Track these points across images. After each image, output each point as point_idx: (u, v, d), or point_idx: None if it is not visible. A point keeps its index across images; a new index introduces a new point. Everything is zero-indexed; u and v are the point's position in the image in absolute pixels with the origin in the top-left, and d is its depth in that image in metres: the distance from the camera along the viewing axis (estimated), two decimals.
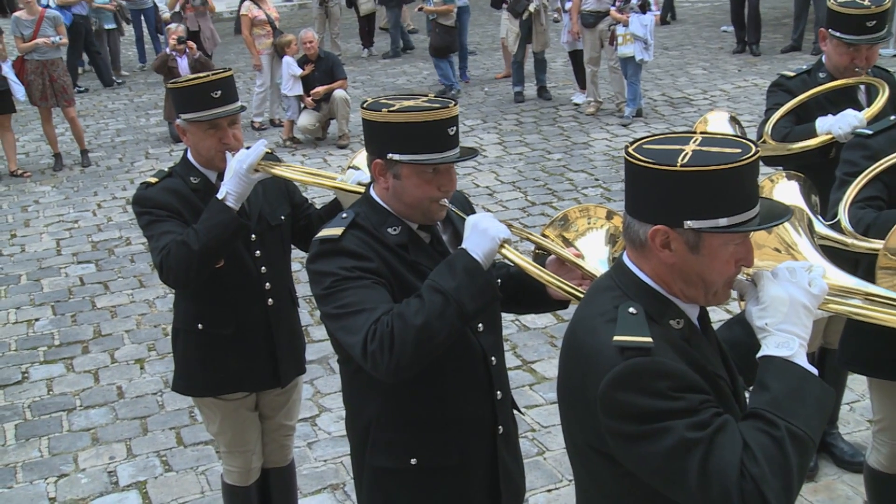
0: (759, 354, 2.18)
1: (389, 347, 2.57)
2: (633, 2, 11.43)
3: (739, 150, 2.13)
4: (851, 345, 3.93)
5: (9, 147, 11.33)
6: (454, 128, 2.82)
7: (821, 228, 3.35)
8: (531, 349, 6.41)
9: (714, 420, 2.07)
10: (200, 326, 3.90)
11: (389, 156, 2.79)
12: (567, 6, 12.68)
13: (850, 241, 3.38)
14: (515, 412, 3.22)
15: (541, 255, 3.17)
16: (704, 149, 2.15)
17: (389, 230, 2.86)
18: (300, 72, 11.83)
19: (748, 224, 2.13)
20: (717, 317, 4.57)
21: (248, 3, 12.74)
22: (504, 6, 13.28)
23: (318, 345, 6.49)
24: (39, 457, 5.54)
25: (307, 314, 6.97)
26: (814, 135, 4.43)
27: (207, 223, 3.57)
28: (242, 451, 4.17)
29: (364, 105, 2.88)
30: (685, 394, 2.07)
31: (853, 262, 3.37)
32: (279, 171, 3.60)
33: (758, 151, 2.14)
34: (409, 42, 18.00)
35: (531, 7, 12.80)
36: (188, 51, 11.96)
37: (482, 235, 2.69)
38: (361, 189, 3.25)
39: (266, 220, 3.90)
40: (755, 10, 15.10)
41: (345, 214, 2.90)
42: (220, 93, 3.70)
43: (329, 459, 5.32)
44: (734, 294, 2.31)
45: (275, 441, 4.30)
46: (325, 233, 2.84)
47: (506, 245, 2.71)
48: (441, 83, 14.02)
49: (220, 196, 3.60)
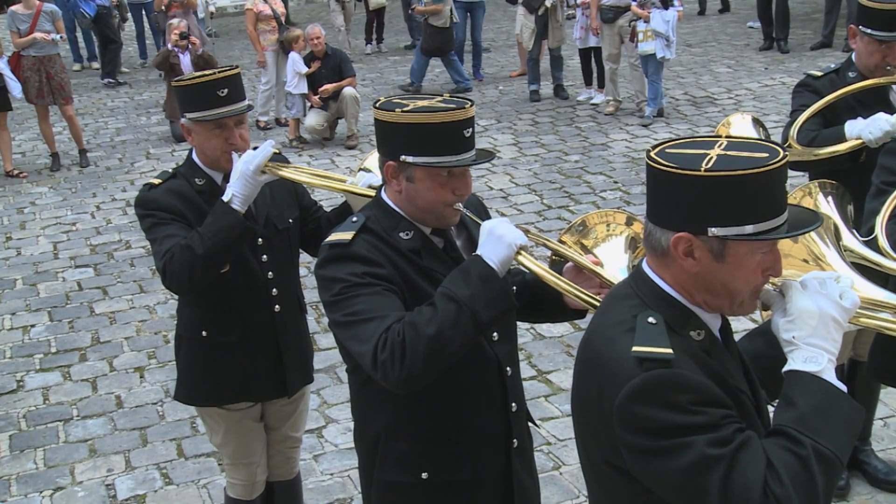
0: (786, 369, 2.18)
1: (401, 357, 2.59)
2: None
3: (767, 155, 2.14)
4: (881, 357, 3.92)
5: (4, 146, 11.38)
6: (470, 129, 2.84)
7: (856, 246, 3.29)
8: (547, 359, 6.42)
9: (736, 436, 2.07)
10: (205, 333, 3.93)
11: (402, 158, 2.81)
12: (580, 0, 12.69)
13: (888, 265, 3.27)
14: (530, 425, 3.24)
15: (557, 262, 3.17)
16: (730, 153, 2.15)
17: (402, 235, 2.88)
18: (305, 69, 11.87)
19: (776, 231, 2.13)
20: (741, 325, 4.58)
21: None
22: (519, 1, 13.31)
23: (326, 353, 6.51)
24: (34, 469, 5.57)
25: (314, 321, 6.99)
26: (843, 139, 4.38)
27: (212, 226, 3.59)
28: (246, 464, 4.19)
29: (376, 104, 2.90)
30: (706, 408, 2.07)
31: (884, 277, 3.35)
32: (287, 174, 3.62)
33: (786, 156, 2.14)
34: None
35: (547, 2, 12.81)
36: (191, 47, 12.00)
37: (498, 242, 2.71)
38: (372, 193, 3.26)
39: (273, 224, 3.92)
40: (784, 5, 15.08)
41: (355, 218, 2.92)
42: (227, 91, 3.73)
43: (336, 473, 5.34)
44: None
45: (280, 453, 4.32)
46: (335, 237, 2.86)
47: (522, 252, 2.73)
48: (453, 81, 14.10)
49: (226, 198, 3.61)
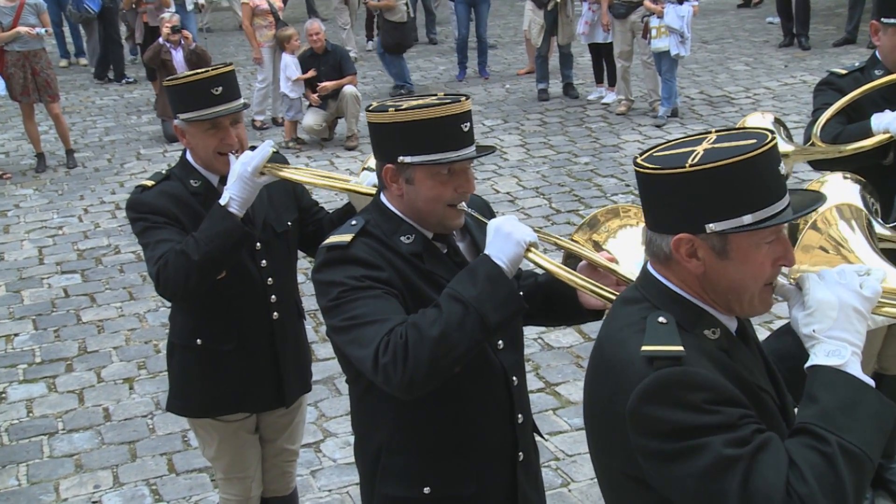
0: (808, 364, 2.19)
1: (403, 360, 2.59)
2: None
3: (754, 141, 2.16)
4: None
5: None
6: (468, 124, 2.86)
7: (882, 230, 3.28)
8: (555, 370, 6.43)
9: (755, 437, 2.06)
10: (199, 341, 3.94)
11: (400, 159, 2.83)
12: None
13: None
14: (537, 438, 3.25)
15: (570, 263, 3.18)
16: (718, 145, 2.18)
17: (402, 238, 2.89)
18: (297, 75, 11.85)
19: (777, 218, 2.14)
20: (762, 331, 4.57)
21: None
22: None
23: (324, 364, 6.52)
24: (17, 486, 5.58)
25: (311, 330, 7.00)
26: (869, 134, 4.34)
27: (209, 231, 3.59)
28: (241, 478, 4.20)
29: (369, 108, 2.93)
30: (722, 407, 2.07)
31: None
32: (288, 174, 3.63)
33: (774, 139, 2.16)
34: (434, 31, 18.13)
35: None
36: (183, 42, 12.02)
37: (506, 240, 2.71)
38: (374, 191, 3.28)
39: (272, 227, 3.93)
40: None
41: (354, 221, 2.93)
42: (221, 89, 3.74)
43: (334, 489, 5.35)
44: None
45: (276, 467, 4.33)
46: (333, 240, 2.87)
47: (532, 249, 2.73)
48: (396, 83, 14.15)
49: (223, 202, 3.62)
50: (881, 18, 4.52)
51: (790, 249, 2.23)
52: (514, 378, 3.03)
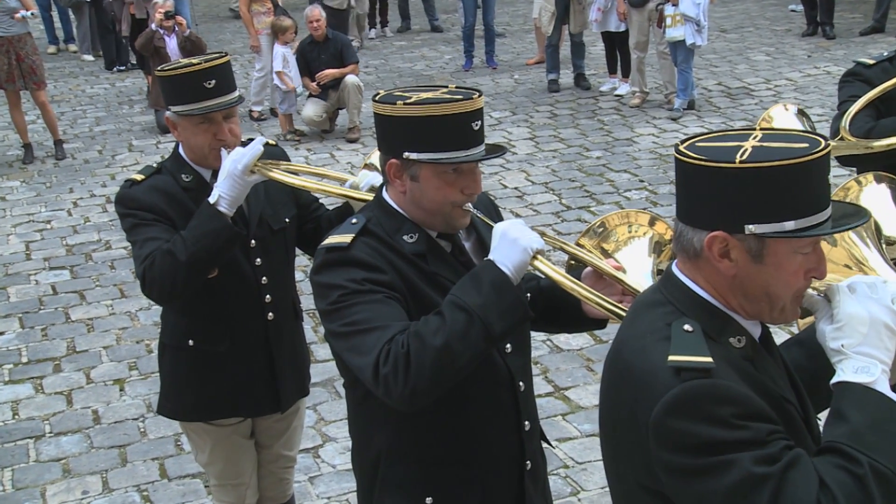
0: (835, 380, 2.18)
1: (405, 371, 2.59)
2: None
3: (807, 145, 2.15)
4: None
5: None
6: (479, 122, 2.86)
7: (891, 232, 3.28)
8: (564, 374, 6.43)
9: (784, 454, 2.06)
10: (191, 342, 3.95)
11: (406, 155, 2.83)
12: None
13: None
14: (545, 445, 3.25)
15: (575, 268, 3.19)
16: (767, 144, 2.17)
17: (405, 238, 2.89)
18: (280, 68, 11.84)
19: (819, 228, 2.14)
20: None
21: None
22: None
23: (323, 365, 6.53)
24: (2, 491, 5.58)
25: (310, 330, 7.01)
26: None
27: (196, 231, 3.60)
28: (235, 485, 4.21)
29: (376, 98, 2.92)
30: (751, 423, 2.07)
31: None
32: (278, 175, 3.63)
33: (828, 146, 2.15)
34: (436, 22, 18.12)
35: None
36: (177, 28, 12.02)
37: (512, 245, 2.71)
38: (371, 197, 3.27)
39: (268, 224, 3.94)
40: None
41: (355, 220, 2.93)
42: (215, 82, 3.74)
43: (333, 496, 5.36)
44: None
45: (272, 474, 4.34)
46: (332, 240, 2.87)
47: (539, 257, 2.74)
48: None
49: (212, 200, 3.62)
50: None
51: (824, 262, 2.23)
52: (521, 383, 3.02)
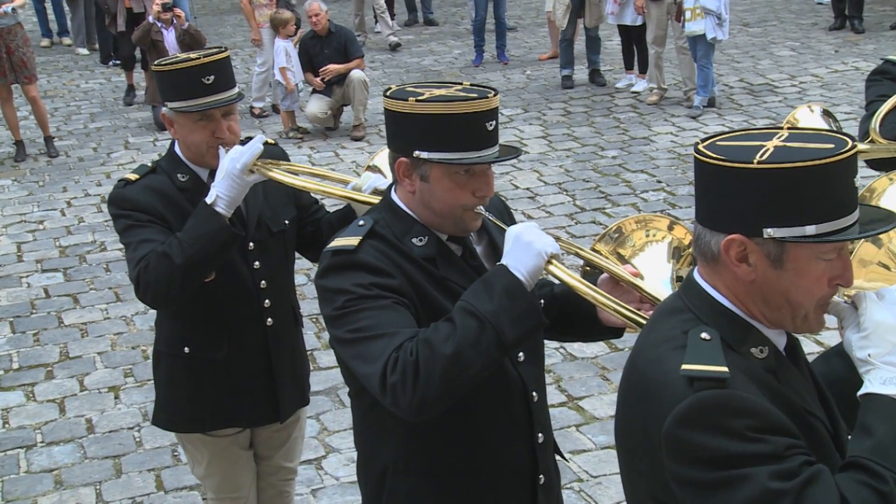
0: (862, 392, 2.18)
1: (413, 380, 2.59)
2: None
3: (832, 146, 2.14)
4: None
5: None
6: (493, 122, 2.86)
7: None
8: (578, 383, 6.42)
9: (804, 469, 2.05)
10: (187, 350, 3.95)
11: (416, 154, 2.83)
12: None
13: None
14: (558, 458, 3.24)
15: (591, 274, 3.19)
16: (790, 144, 2.16)
17: (414, 241, 2.89)
18: (284, 64, 11.79)
19: (843, 233, 2.13)
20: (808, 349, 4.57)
21: None
22: None
23: (326, 372, 6.53)
24: None
25: (313, 336, 7.02)
26: None
27: (193, 232, 3.60)
28: (234, 498, 4.20)
29: (387, 93, 2.92)
30: (768, 436, 2.06)
31: None
32: (278, 176, 3.63)
33: (855, 146, 2.14)
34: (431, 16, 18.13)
35: None
36: (175, 21, 12.03)
37: (526, 250, 2.71)
38: (376, 200, 3.27)
39: (267, 226, 3.93)
40: None
41: (362, 222, 2.93)
42: (213, 78, 3.74)
43: None
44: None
45: (272, 486, 4.34)
46: (339, 243, 2.87)
47: (554, 261, 2.73)
48: None
49: (209, 200, 3.62)
50: None
51: (849, 268, 2.22)
52: (534, 393, 3.02)
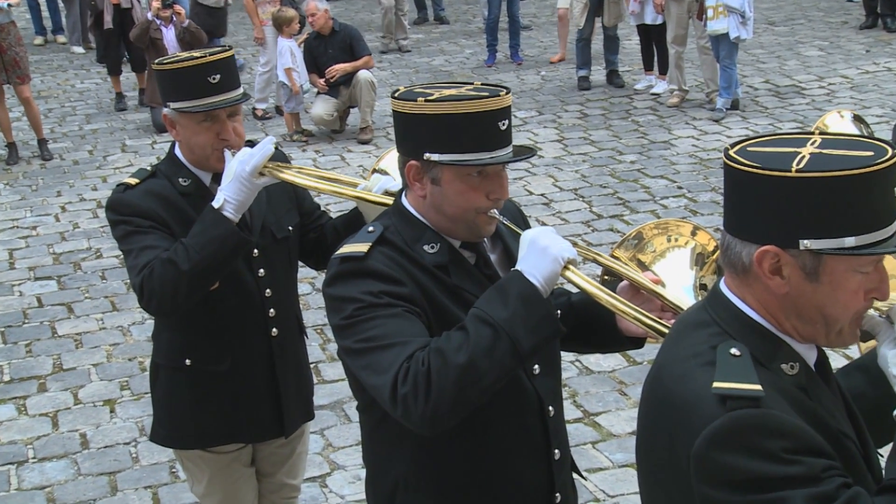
0: None
1: (425, 391, 2.59)
2: None
3: (872, 154, 2.13)
4: None
5: None
6: (506, 121, 2.87)
7: None
8: (595, 398, 6.42)
9: (842, 492, 2.04)
10: (188, 362, 3.95)
11: (427, 156, 2.83)
12: None
13: None
14: (575, 476, 3.24)
15: (609, 283, 3.18)
16: (827, 151, 2.15)
17: (426, 248, 2.90)
18: (289, 64, 11.81)
19: (882, 245, 2.12)
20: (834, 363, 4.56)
21: None
22: None
23: (331, 386, 6.54)
24: None
25: (318, 347, 7.02)
26: None
27: (200, 237, 3.60)
28: None
29: (395, 95, 2.93)
30: (804, 457, 2.05)
31: None
32: (289, 177, 3.64)
33: (895, 155, 2.13)
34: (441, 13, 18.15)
35: None
36: (175, 18, 12.06)
37: (542, 255, 2.71)
38: (389, 200, 3.29)
39: (271, 232, 3.94)
40: None
41: (371, 228, 2.94)
42: (218, 77, 3.75)
43: None
44: None
45: None
46: (348, 249, 2.88)
47: (570, 267, 2.73)
48: None
49: (217, 204, 3.63)
50: None
51: (886, 281, 2.21)
52: (551, 408, 3.02)
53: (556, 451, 3.05)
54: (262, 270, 3.92)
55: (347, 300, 2.80)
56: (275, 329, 3.98)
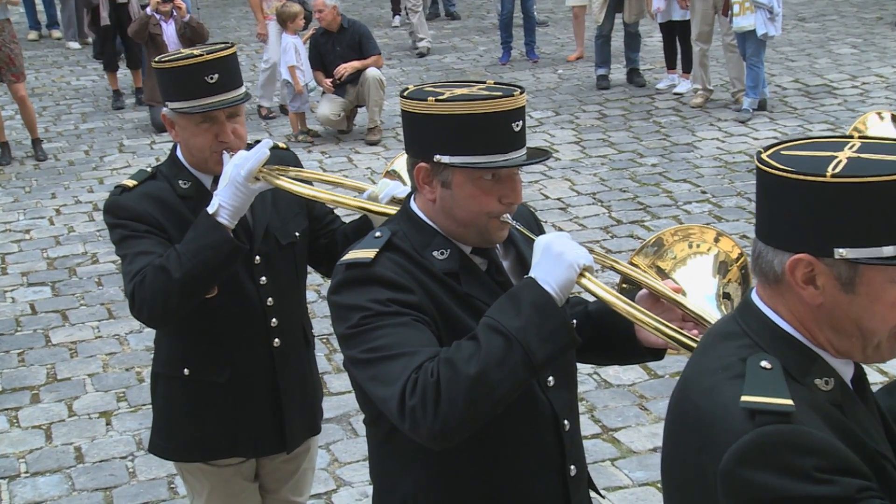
0: None
1: (434, 403, 2.60)
2: None
3: None
4: None
5: None
6: (520, 122, 2.87)
7: None
8: (614, 412, 6.41)
9: None
10: (187, 372, 3.96)
11: (437, 158, 2.84)
12: None
13: None
14: (593, 495, 3.24)
15: (628, 291, 3.18)
16: (865, 156, 2.14)
17: (435, 254, 2.90)
18: (294, 62, 11.81)
19: None
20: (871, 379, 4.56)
21: None
22: None
23: (337, 398, 6.54)
24: None
25: (323, 358, 7.03)
26: None
27: (193, 244, 3.61)
28: None
29: (404, 94, 2.94)
30: (837, 477, 2.03)
31: None
32: (285, 184, 3.64)
33: None
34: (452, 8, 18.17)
35: None
36: (175, 12, 12.09)
37: (556, 261, 2.72)
38: (394, 210, 3.28)
39: (275, 238, 3.95)
40: None
41: (378, 233, 2.94)
42: (218, 77, 3.76)
43: None
44: None
45: None
46: (354, 255, 2.88)
47: (587, 274, 2.74)
48: None
49: (211, 210, 3.63)
50: None
51: None
52: (566, 422, 3.02)
53: (572, 468, 3.05)
54: (264, 278, 3.93)
55: (353, 308, 2.80)
56: (277, 340, 3.99)
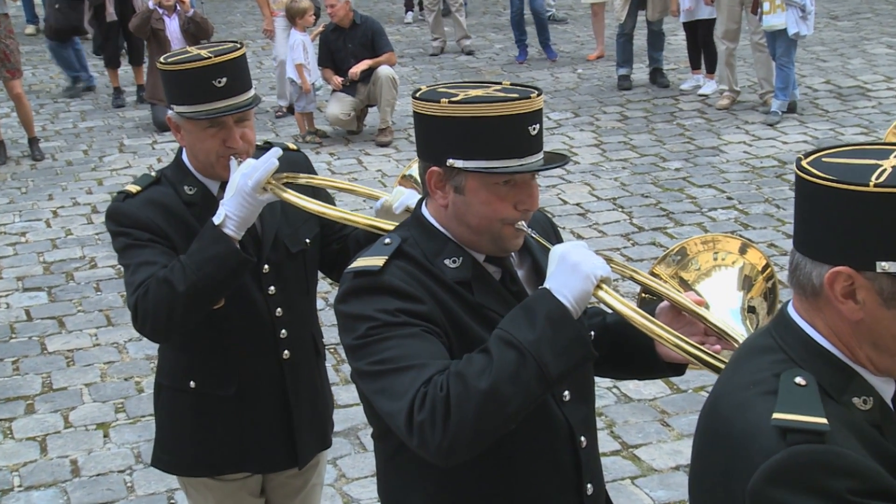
0: None
1: (444, 418, 2.60)
2: None
3: None
4: None
5: None
6: (537, 126, 2.88)
7: None
8: (634, 428, 6.42)
9: None
10: (193, 384, 3.97)
11: (450, 162, 2.85)
12: None
13: None
14: None
15: (649, 302, 3.19)
16: None
17: (447, 262, 2.91)
18: (301, 60, 11.80)
19: None
20: None
21: None
22: None
23: (345, 411, 6.55)
24: None
25: (331, 368, 7.01)
26: None
27: (198, 256, 3.62)
28: None
29: (416, 95, 2.95)
30: (873, 501, 2.02)
31: None
32: (292, 198, 3.64)
33: None
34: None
35: None
36: (179, 7, 12.11)
37: (572, 272, 2.72)
38: None
39: (284, 246, 3.95)
40: None
41: (388, 240, 2.95)
42: (226, 80, 3.75)
43: None
44: None
45: None
46: (362, 263, 2.89)
47: (604, 286, 2.74)
48: (66, 76, 14.12)
49: (217, 220, 3.64)
50: None
51: None
52: (583, 438, 3.03)
53: (589, 486, 3.05)
54: (273, 288, 3.93)
55: (361, 318, 2.81)
56: (286, 351, 3.99)
